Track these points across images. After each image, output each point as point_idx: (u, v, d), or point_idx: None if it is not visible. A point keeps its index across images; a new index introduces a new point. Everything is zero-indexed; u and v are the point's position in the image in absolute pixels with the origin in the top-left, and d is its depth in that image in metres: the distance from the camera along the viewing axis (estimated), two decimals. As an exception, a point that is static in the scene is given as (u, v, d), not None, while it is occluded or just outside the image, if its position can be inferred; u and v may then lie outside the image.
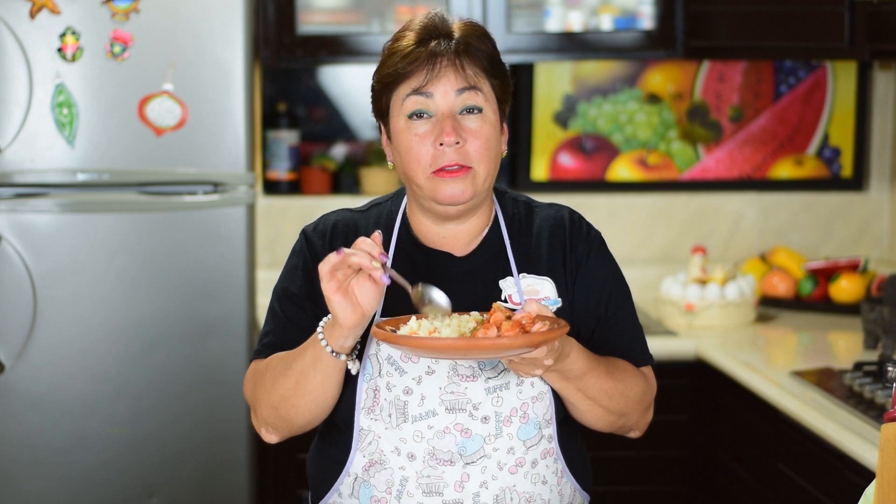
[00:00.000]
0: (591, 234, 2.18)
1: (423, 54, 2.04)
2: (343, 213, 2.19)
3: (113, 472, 3.42)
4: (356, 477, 2.09)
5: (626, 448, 3.39)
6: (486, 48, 2.08)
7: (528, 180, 4.22)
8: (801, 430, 2.90)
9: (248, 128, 3.41)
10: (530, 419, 2.07)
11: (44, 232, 3.37)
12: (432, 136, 2.04)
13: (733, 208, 4.23)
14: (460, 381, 2.05)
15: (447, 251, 2.13)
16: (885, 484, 1.85)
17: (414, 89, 2.04)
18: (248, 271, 3.43)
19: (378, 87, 2.10)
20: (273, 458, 3.54)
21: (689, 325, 3.75)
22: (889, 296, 3.27)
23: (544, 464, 2.10)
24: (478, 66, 2.06)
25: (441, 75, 2.04)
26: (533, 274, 2.12)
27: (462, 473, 2.05)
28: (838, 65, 4.22)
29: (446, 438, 2.04)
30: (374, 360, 2.06)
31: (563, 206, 2.21)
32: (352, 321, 1.93)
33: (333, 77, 4.26)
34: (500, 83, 2.09)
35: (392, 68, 2.06)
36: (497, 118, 2.09)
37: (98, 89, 3.35)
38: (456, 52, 2.05)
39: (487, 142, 2.06)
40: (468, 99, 2.05)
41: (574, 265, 2.14)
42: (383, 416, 2.06)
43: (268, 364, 2.09)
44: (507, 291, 2.11)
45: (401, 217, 2.15)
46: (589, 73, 4.21)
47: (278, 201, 4.12)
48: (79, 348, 3.39)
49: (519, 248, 2.14)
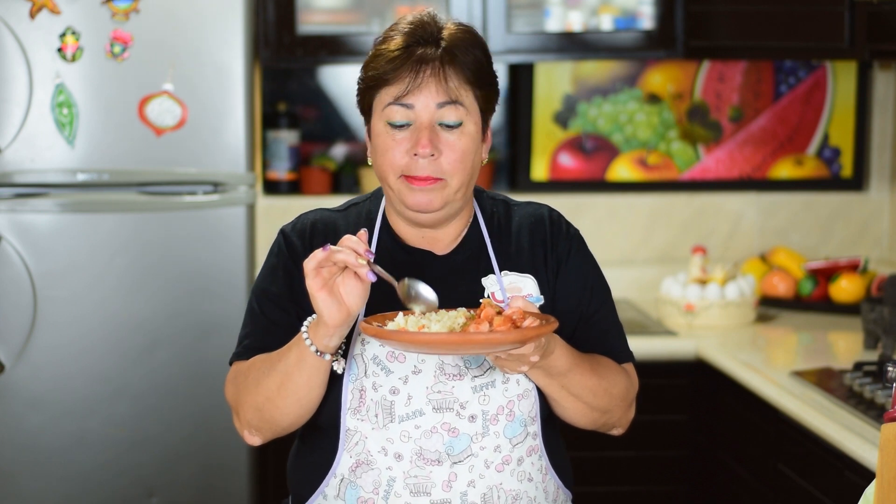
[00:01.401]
0: (571, 232, 2.19)
1: (408, 61, 2.03)
2: (321, 213, 2.19)
3: (113, 472, 3.42)
4: (342, 478, 2.08)
5: (627, 448, 3.39)
6: (474, 57, 2.06)
7: (528, 180, 4.22)
8: (801, 430, 2.90)
9: (247, 128, 3.41)
10: (516, 417, 2.07)
11: (44, 232, 3.37)
12: (408, 143, 2.04)
13: (733, 208, 4.23)
14: (447, 380, 2.04)
15: (428, 249, 2.13)
16: (885, 484, 1.85)
17: (395, 98, 2.04)
18: (248, 271, 3.43)
19: (362, 87, 2.10)
20: (273, 458, 3.54)
21: (689, 325, 3.75)
22: (889, 296, 3.27)
23: (530, 461, 2.10)
24: (462, 77, 2.05)
25: (423, 86, 2.03)
26: (515, 271, 2.13)
27: (450, 473, 2.05)
28: (838, 65, 4.22)
29: (433, 438, 2.04)
30: (360, 359, 2.06)
31: (542, 204, 2.21)
32: (337, 320, 1.92)
33: (333, 77, 4.26)
34: (484, 94, 2.08)
35: (376, 71, 2.06)
36: (478, 129, 2.08)
37: (98, 89, 3.35)
38: (441, 62, 2.03)
39: (463, 155, 2.05)
40: (448, 113, 2.04)
41: (555, 262, 2.15)
42: (370, 417, 2.05)
43: (250, 366, 2.08)
44: (490, 289, 2.11)
45: (381, 216, 2.15)
46: (589, 73, 4.21)
47: (278, 201, 4.12)
48: (79, 348, 3.39)
49: (499, 246, 2.14)
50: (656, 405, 3.52)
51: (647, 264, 4.21)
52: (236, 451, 3.45)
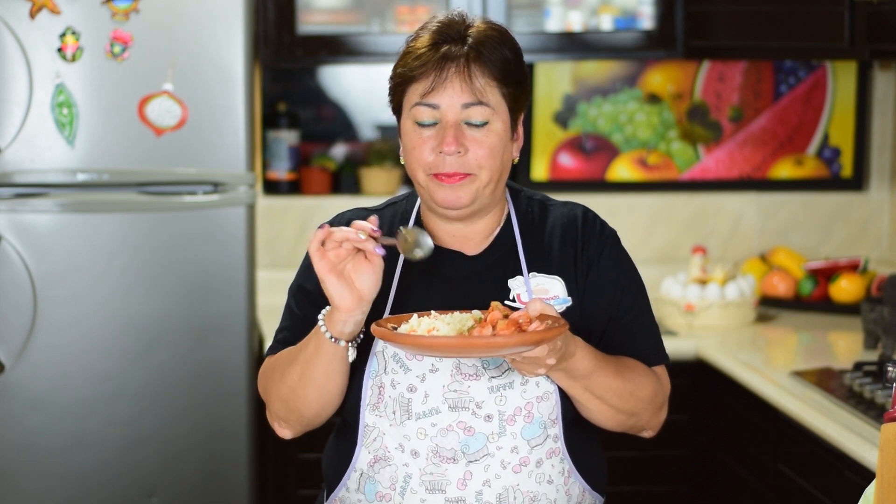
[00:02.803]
0: (605, 233, 2.18)
1: (434, 58, 2.05)
2: (359, 212, 2.20)
3: (113, 472, 3.42)
4: (362, 472, 2.10)
5: (626, 448, 3.39)
6: (501, 55, 2.07)
7: (528, 180, 4.22)
8: (801, 430, 2.90)
9: (248, 128, 3.41)
10: (535, 419, 2.07)
11: (44, 232, 3.37)
12: (434, 141, 2.05)
13: (733, 208, 4.23)
14: (463, 379, 2.05)
15: (459, 250, 2.14)
16: (885, 484, 1.85)
17: (421, 96, 2.05)
18: (248, 271, 3.43)
19: (392, 85, 2.12)
20: (273, 457, 3.54)
21: (689, 325, 3.75)
22: (889, 296, 3.27)
23: (549, 463, 2.09)
24: (488, 75, 2.05)
25: (448, 85, 2.04)
26: (544, 273, 2.12)
27: (465, 471, 2.05)
28: (838, 65, 4.22)
29: (449, 436, 2.05)
30: (381, 356, 2.07)
31: (578, 204, 2.22)
32: (349, 303, 1.94)
33: (333, 77, 4.26)
34: (511, 92, 2.08)
35: (403, 68, 2.08)
36: (506, 127, 2.08)
37: (98, 89, 3.35)
38: (467, 59, 2.04)
39: (491, 151, 2.06)
40: (473, 114, 2.05)
41: (585, 264, 2.14)
42: (388, 413, 2.07)
43: (277, 359, 2.12)
44: (516, 290, 2.11)
45: (414, 216, 2.17)
46: (589, 73, 4.21)
47: (278, 201, 4.12)
48: (79, 348, 3.39)
49: (531, 247, 2.14)
50: (656, 405, 3.52)
51: (647, 264, 4.20)
52: (236, 451, 3.45)
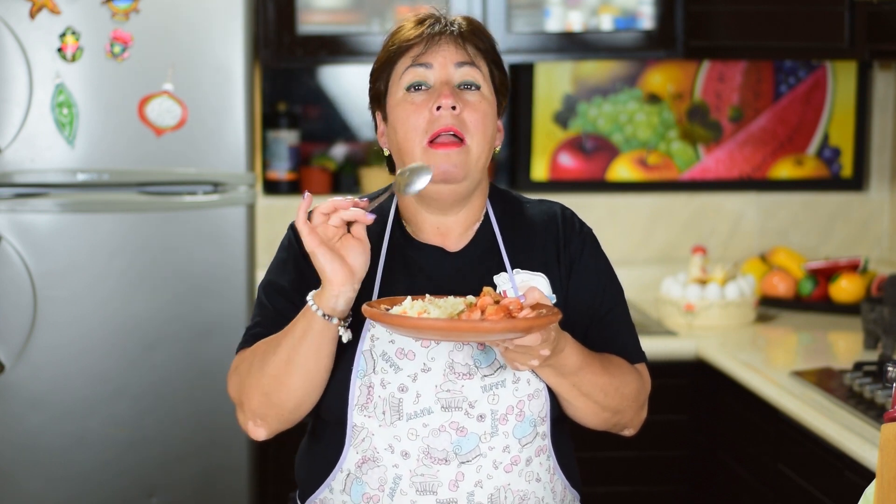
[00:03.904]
0: (584, 231, 2.19)
1: (424, 32, 2.08)
2: None
3: (113, 472, 3.42)
4: (349, 473, 2.07)
5: (627, 448, 3.39)
6: (487, 39, 2.11)
7: (528, 180, 4.22)
8: (801, 430, 2.90)
9: (247, 128, 3.41)
10: (526, 417, 2.06)
11: (44, 232, 3.37)
12: (429, 103, 2.06)
13: (733, 208, 4.23)
14: (456, 378, 2.04)
15: (440, 245, 2.13)
16: (885, 484, 1.85)
17: (413, 59, 2.07)
18: (248, 271, 3.43)
19: (377, 67, 2.12)
20: (273, 457, 3.54)
21: (689, 325, 3.75)
22: (889, 296, 3.27)
23: (538, 461, 2.09)
24: (478, 47, 2.09)
25: (441, 47, 2.07)
26: (526, 269, 2.12)
27: (457, 472, 2.04)
28: (838, 65, 4.22)
29: (441, 437, 2.03)
30: (369, 356, 2.05)
31: (555, 202, 2.21)
32: (341, 277, 1.93)
33: (333, 77, 4.26)
34: (499, 73, 2.12)
35: (393, 46, 2.09)
36: (493, 102, 2.10)
37: (98, 89, 3.35)
38: (459, 31, 2.09)
39: (484, 117, 2.07)
40: (467, 74, 2.07)
41: (568, 261, 2.14)
42: (377, 414, 2.04)
43: (254, 350, 2.07)
44: (502, 287, 2.10)
45: (393, 212, 2.15)
46: (589, 73, 4.21)
47: (278, 201, 4.12)
48: (79, 348, 3.39)
49: (511, 244, 2.14)
50: (656, 405, 3.49)
51: (647, 264, 4.21)
52: (236, 451, 3.45)
